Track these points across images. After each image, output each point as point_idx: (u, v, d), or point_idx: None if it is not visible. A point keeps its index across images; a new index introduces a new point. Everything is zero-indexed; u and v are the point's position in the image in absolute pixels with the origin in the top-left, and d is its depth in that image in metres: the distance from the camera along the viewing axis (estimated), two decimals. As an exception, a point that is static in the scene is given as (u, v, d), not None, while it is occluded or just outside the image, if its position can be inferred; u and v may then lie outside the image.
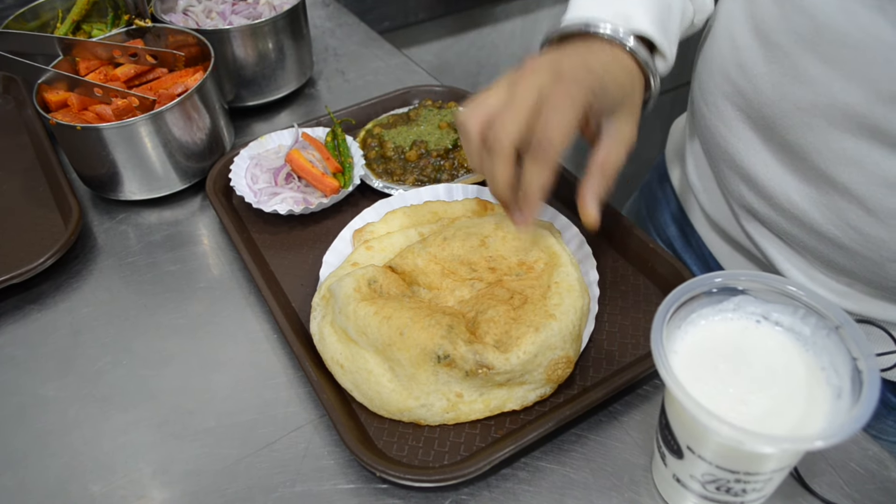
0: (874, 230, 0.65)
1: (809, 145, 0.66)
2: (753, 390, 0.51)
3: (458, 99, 1.01)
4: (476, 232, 0.71)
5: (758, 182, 0.73)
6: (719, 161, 0.79)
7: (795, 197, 0.70)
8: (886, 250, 0.65)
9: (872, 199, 0.63)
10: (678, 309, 0.53)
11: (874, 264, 0.67)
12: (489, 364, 0.61)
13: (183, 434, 0.66)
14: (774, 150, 0.71)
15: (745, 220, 0.79)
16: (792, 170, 0.69)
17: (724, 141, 0.76)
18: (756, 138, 0.72)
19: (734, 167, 0.76)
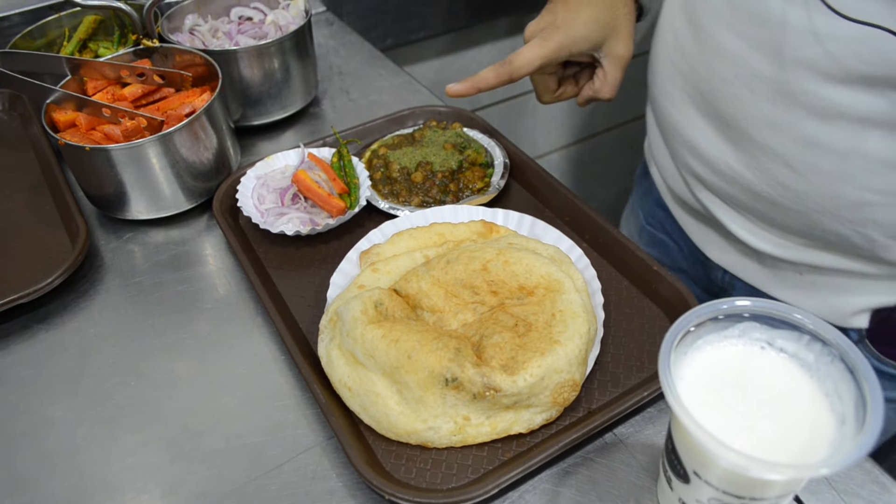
0: (798, 185, 0.73)
1: (737, 114, 0.74)
2: (759, 417, 0.52)
3: (463, 120, 1.02)
4: (479, 256, 0.72)
5: (701, 152, 0.82)
6: (671, 138, 0.88)
7: (732, 162, 0.78)
8: (811, 202, 0.73)
9: (793, 157, 0.71)
10: (685, 335, 0.53)
11: (802, 216, 0.75)
12: (496, 386, 0.62)
13: (192, 455, 0.66)
14: (711, 122, 0.79)
15: (696, 188, 0.87)
16: (726, 138, 0.78)
17: (673, 119, 0.85)
18: (697, 114, 0.81)
19: (682, 142, 0.85)
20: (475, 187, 0.89)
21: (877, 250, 0.74)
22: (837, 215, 0.72)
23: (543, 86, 0.90)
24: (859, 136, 0.67)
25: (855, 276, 0.80)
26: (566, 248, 0.79)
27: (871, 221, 0.71)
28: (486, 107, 1.79)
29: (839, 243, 0.76)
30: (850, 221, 0.72)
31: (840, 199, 0.71)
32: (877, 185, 0.68)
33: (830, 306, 0.84)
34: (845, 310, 0.83)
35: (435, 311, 0.72)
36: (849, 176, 0.69)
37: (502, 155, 0.94)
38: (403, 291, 0.73)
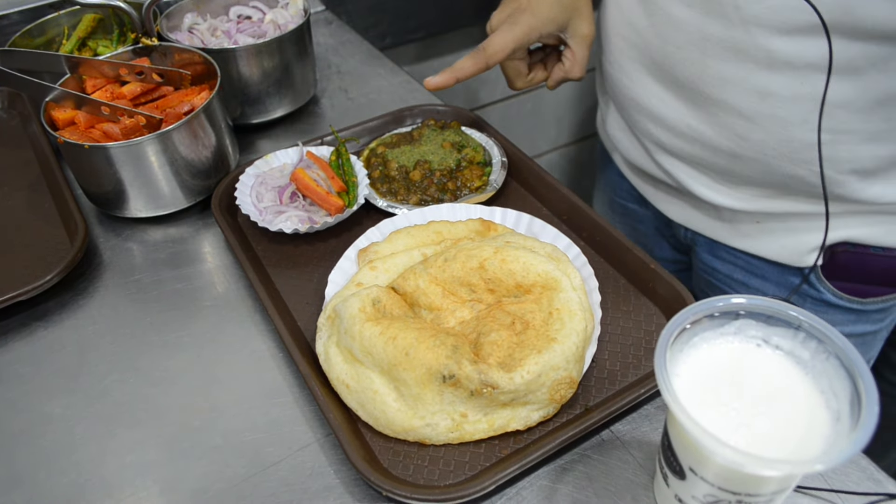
0: (755, 134, 0.78)
1: (693, 75, 0.80)
2: (754, 413, 0.52)
3: (461, 119, 1.02)
4: (476, 255, 0.73)
5: (661, 117, 0.87)
6: (629, 109, 0.92)
7: (692, 122, 0.83)
8: (768, 149, 0.79)
9: (748, 108, 0.77)
10: (681, 332, 0.54)
11: (761, 164, 0.81)
12: (494, 383, 0.62)
13: (190, 452, 0.67)
14: (668, 87, 0.84)
15: (657, 154, 0.92)
16: (684, 100, 0.83)
17: (629, 90, 0.90)
18: (653, 82, 0.86)
19: (641, 111, 0.90)
20: (473, 186, 0.90)
21: (831, 186, 0.79)
22: (793, 158, 0.78)
23: (515, 71, 0.92)
24: (805, 81, 0.73)
25: (808, 217, 0.86)
26: (563, 246, 0.80)
27: (825, 160, 0.75)
28: (485, 106, 1.80)
29: (796, 186, 0.81)
30: (806, 162, 0.78)
31: (794, 142, 0.77)
32: (827, 125, 0.74)
33: (786, 248, 0.90)
34: (800, 249, 0.89)
35: (433, 309, 0.72)
36: (802, 119, 0.75)
37: (500, 154, 0.94)
38: (401, 289, 0.73)
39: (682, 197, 0.98)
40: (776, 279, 0.94)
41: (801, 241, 0.89)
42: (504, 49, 0.85)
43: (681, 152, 0.88)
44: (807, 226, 0.87)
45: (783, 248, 0.90)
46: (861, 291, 0.91)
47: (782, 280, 0.94)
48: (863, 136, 0.75)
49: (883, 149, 0.76)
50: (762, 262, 0.95)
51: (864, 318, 0.94)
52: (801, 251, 0.89)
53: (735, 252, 0.96)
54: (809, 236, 0.88)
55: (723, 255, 0.98)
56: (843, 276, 0.89)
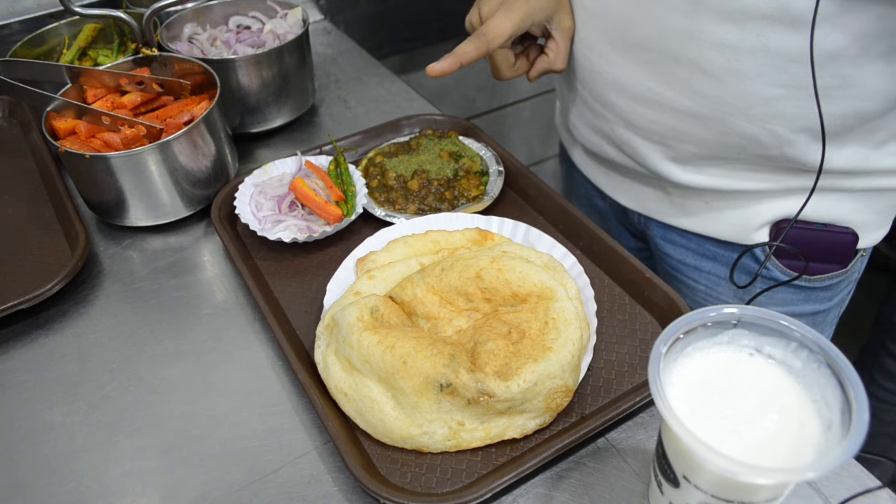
0: (713, 89, 0.79)
1: (654, 33, 0.81)
2: (746, 422, 0.53)
3: (459, 128, 1.03)
4: (473, 264, 0.73)
5: (621, 84, 0.88)
6: (592, 83, 0.93)
7: (651, 83, 0.84)
8: (725, 105, 0.79)
9: (708, 62, 0.77)
10: (675, 342, 0.54)
11: (717, 122, 0.81)
12: (490, 392, 0.63)
13: (190, 460, 0.67)
14: (628, 52, 0.85)
15: (617, 128, 0.93)
16: (644, 62, 0.84)
17: (593, 64, 0.91)
18: (614, 50, 0.87)
19: (602, 81, 0.91)
20: (470, 195, 0.90)
21: (783, 146, 0.80)
22: (749, 114, 0.79)
23: (504, 60, 0.92)
24: (763, 33, 0.73)
25: (755, 194, 0.88)
26: (560, 255, 0.80)
27: (778, 116, 0.78)
28: (481, 115, 1.81)
29: (750, 147, 0.82)
30: (760, 119, 0.79)
31: (750, 96, 0.77)
32: (781, 79, 0.75)
33: (734, 226, 0.92)
34: (748, 226, 0.90)
35: (430, 318, 0.73)
36: (757, 73, 0.76)
37: (497, 163, 0.95)
38: (399, 298, 0.74)
39: (636, 179, 1.00)
40: (725, 260, 0.96)
41: (747, 218, 0.90)
42: (503, 33, 0.86)
43: (641, 122, 0.89)
44: (753, 203, 0.89)
45: (731, 226, 0.92)
46: (807, 269, 0.93)
47: (731, 260, 0.96)
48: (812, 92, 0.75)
49: (831, 106, 0.77)
50: (711, 242, 0.96)
51: (813, 296, 0.96)
52: (747, 228, 0.91)
53: (686, 234, 0.98)
54: (755, 213, 0.90)
55: (675, 240, 1.00)
56: (789, 252, 0.91)
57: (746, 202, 0.90)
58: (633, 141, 0.92)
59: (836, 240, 0.90)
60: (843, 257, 0.92)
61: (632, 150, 0.93)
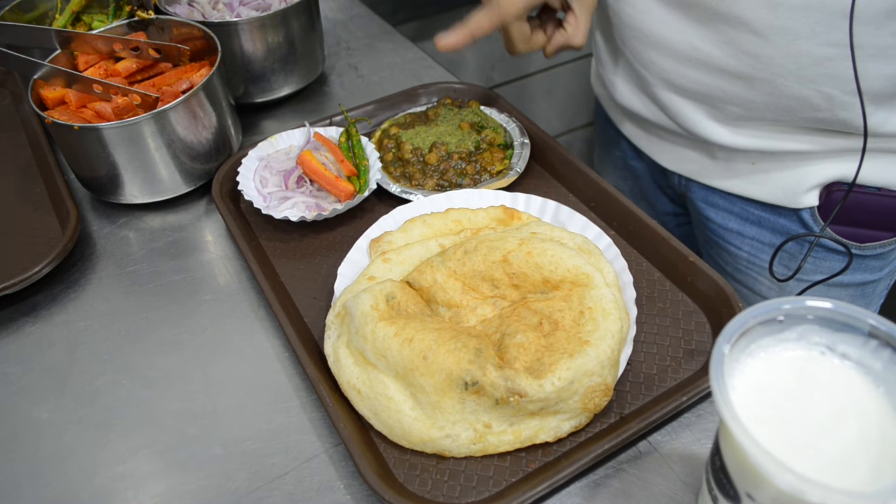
0: (764, 50, 0.75)
1: None
2: (820, 433, 0.46)
3: (480, 97, 0.95)
4: (499, 247, 0.66)
5: (666, 43, 0.83)
6: (631, 42, 0.88)
7: (699, 43, 0.79)
8: (776, 66, 0.75)
9: (757, 20, 0.73)
10: (738, 339, 0.47)
11: (767, 83, 0.77)
12: (521, 391, 0.56)
13: (187, 463, 0.61)
14: (673, 9, 0.80)
15: (659, 89, 0.88)
16: (691, 19, 0.79)
17: (635, 21, 0.85)
18: (656, 3, 0.82)
19: (644, 39, 0.85)
20: (494, 170, 0.83)
21: (836, 110, 0.76)
22: (800, 75, 0.75)
23: (520, 33, 0.84)
24: None
25: (806, 156, 0.83)
26: (593, 236, 0.73)
27: (831, 77, 0.73)
28: (499, 86, 1.73)
29: (800, 110, 0.78)
30: (812, 81, 0.74)
31: (802, 57, 0.73)
32: (835, 38, 0.70)
33: (782, 188, 0.87)
34: (797, 189, 0.85)
35: (451, 306, 0.66)
36: (810, 32, 0.71)
37: (522, 135, 0.87)
38: (417, 284, 0.67)
39: (677, 140, 0.95)
40: (771, 225, 0.91)
41: (796, 181, 0.85)
42: (518, 4, 0.79)
43: (684, 82, 0.84)
44: (802, 164, 0.84)
45: (778, 188, 0.87)
46: (858, 236, 0.87)
47: (777, 226, 0.91)
48: (870, 52, 0.72)
49: (888, 67, 0.72)
50: (756, 205, 0.91)
51: (863, 265, 0.90)
52: (796, 191, 0.86)
53: (729, 197, 0.93)
54: (804, 175, 0.84)
55: (717, 203, 0.95)
56: (839, 218, 0.85)
57: (795, 163, 0.84)
58: (675, 102, 0.87)
59: (889, 204, 0.85)
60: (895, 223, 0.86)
61: (674, 111, 0.88)
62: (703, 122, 0.85)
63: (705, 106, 0.84)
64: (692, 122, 0.86)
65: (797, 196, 0.86)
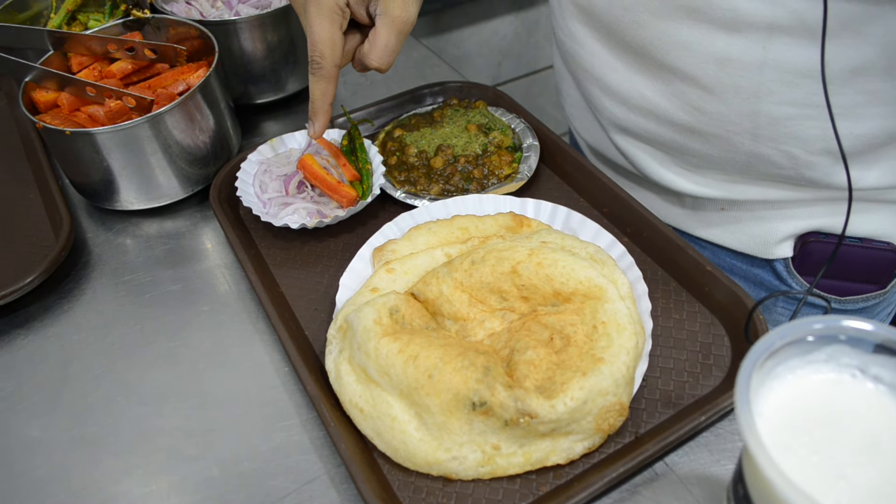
0: (714, 107, 0.70)
1: (645, 40, 0.71)
2: (854, 463, 0.43)
3: (487, 98, 0.92)
4: (508, 257, 0.63)
5: (614, 89, 0.78)
6: (584, 81, 0.83)
7: (647, 92, 0.75)
8: (730, 124, 0.70)
9: (706, 77, 0.68)
10: (765, 361, 0.44)
11: (723, 140, 0.72)
12: (532, 412, 0.53)
13: (182, 485, 0.58)
14: (620, 54, 0.75)
15: (614, 133, 0.83)
16: (637, 68, 0.74)
17: (581, 59, 0.81)
18: (604, 49, 0.77)
19: (594, 81, 0.81)
20: (502, 174, 0.80)
21: (800, 168, 0.71)
22: (757, 134, 0.70)
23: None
24: (770, 45, 0.64)
25: (777, 204, 0.78)
26: (606, 244, 0.70)
27: (792, 137, 0.69)
28: (505, 83, 1.69)
29: (761, 167, 0.73)
30: (771, 140, 0.70)
31: (759, 116, 0.69)
32: (793, 96, 0.66)
33: (754, 238, 0.82)
34: (769, 240, 0.80)
35: (458, 319, 0.63)
36: (765, 90, 0.67)
37: (531, 137, 0.84)
38: (422, 296, 0.64)
39: (642, 184, 0.89)
40: (744, 274, 0.86)
41: (769, 231, 0.80)
42: (336, 45, 0.70)
43: (637, 129, 0.79)
44: (775, 214, 0.79)
45: (751, 237, 0.82)
46: (839, 289, 0.82)
47: (750, 275, 0.86)
48: (836, 111, 0.65)
49: (857, 126, 0.67)
50: (729, 253, 0.86)
51: None
52: (768, 241, 0.80)
53: (701, 243, 0.88)
54: (779, 225, 0.79)
55: None
56: (816, 270, 0.80)
57: (767, 212, 0.79)
58: (632, 148, 0.82)
59: (873, 256, 0.79)
60: (881, 276, 0.81)
61: (631, 156, 0.83)
62: (660, 170, 0.81)
63: (661, 153, 0.80)
64: (649, 168, 0.82)
65: (769, 247, 0.81)
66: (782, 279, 0.82)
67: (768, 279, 0.84)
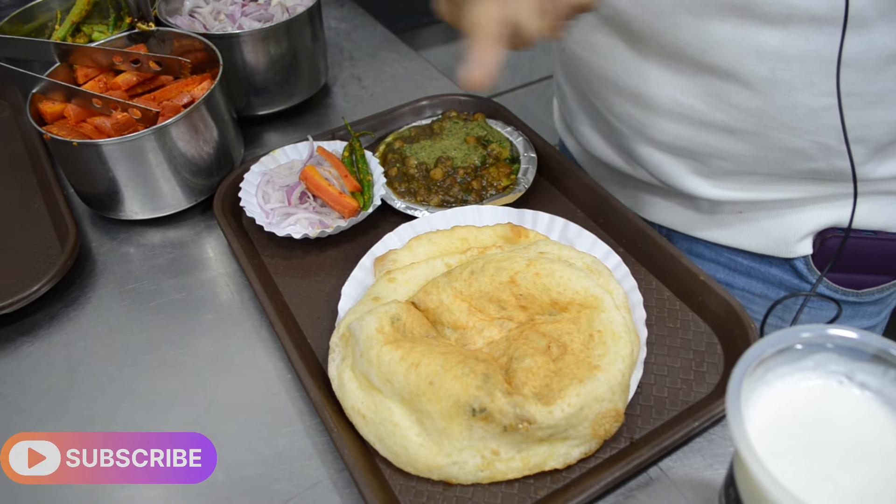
0: (753, 102, 0.70)
1: (682, 41, 0.70)
2: (842, 467, 0.44)
3: (486, 110, 0.94)
4: (507, 267, 0.65)
5: (642, 95, 0.77)
6: (603, 93, 0.82)
7: (680, 96, 0.74)
8: (768, 119, 0.71)
9: (746, 72, 0.68)
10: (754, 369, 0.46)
11: (759, 137, 0.73)
12: (531, 418, 0.55)
13: (187, 490, 0.60)
14: (651, 58, 0.74)
15: (636, 143, 0.82)
16: (671, 71, 0.73)
17: (603, 70, 0.80)
18: (632, 54, 0.75)
19: (618, 91, 0.79)
20: (500, 185, 0.82)
21: (832, 158, 0.72)
22: (795, 128, 0.71)
23: None
24: (812, 37, 0.65)
25: (796, 202, 0.80)
26: (602, 254, 0.72)
27: (828, 127, 0.69)
28: (502, 94, 1.71)
29: (794, 162, 0.74)
30: (808, 132, 0.71)
31: (798, 108, 0.69)
32: (832, 87, 0.66)
33: (773, 238, 0.83)
34: (789, 238, 0.82)
35: (457, 328, 0.65)
36: (806, 82, 0.67)
37: (529, 149, 0.86)
38: (423, 305, 0.66)
39: (657, 192, 0.90)
40: (761, 276, 0.87)
41: (787, 229, 0.81)
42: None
43: (665, 137, 0.78)
44: (794, 212, 0.81)
45: (768, 237, 0.83)
46: (855, 282, 0.84)
47: (769, 276, 0.86)
48: (869, 99, 0.68)
49: (889, 113, 0.69)
50: (745, 255, 0.87)
51: (861, 312, 0.87)
52: (788, 240, 0.82)
53: (715, 247, 0.89)
54: (796, 223, 0.81)
55: (702, 253, 0.90)
56: (836, 265, 0.81)
57: (786, 211, 0.81)
58: (655, 157, 0.82)
59: (886, 248, 0.81)
60: (893, 266, 0.83)
61: (654, 166, 0.83)
62: (687, 178, 0.81)
63: (690, 161, 0.79)
64: (675, 177, 0.82)
65: (790, 245, 0.82)
66: (803, 277, 0.84)
67: (787, 278, 0.85)
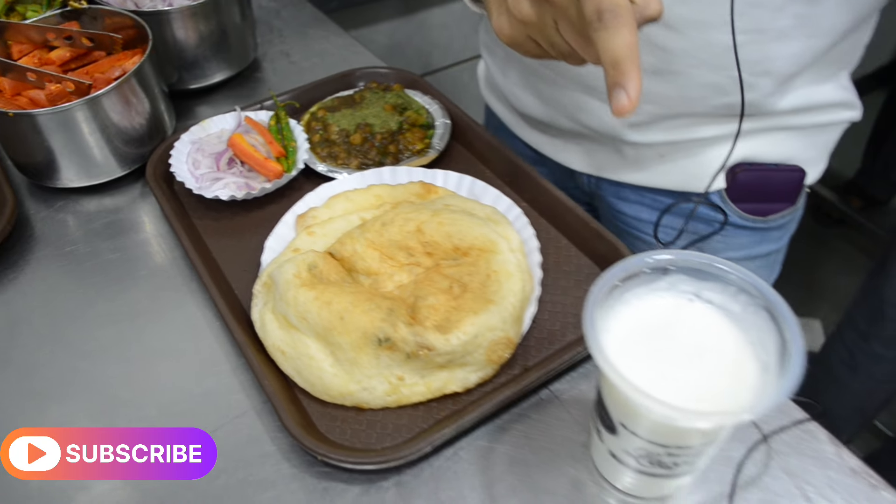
0: (677, 43, 0.77)
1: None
2: (683, 366, 0.52)
3: (404, 81, 1.00)
4: (413, 218, 0.71)
5: None
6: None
7: None
8: (689, 57, 0.78)
9: (672, 16, 0.73)
10: (613, 289, 0.53)
11: (681, 76, 0.80)
12: (430, 345, 0.62)
13: (122, 424, 0.65)
14: None
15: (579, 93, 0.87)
16: None
17: None
18: None
19: None
20: (415, 149, 0.88)
21: (747, 91, 0.76)
22: (712, 64, 0.78)
23: None
24: None
25: (709, 141, 0.87)
26: (505, 207, 0.79)
27: (743, 61, 0.73)
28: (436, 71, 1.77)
29: (711, 97, 0.81)
30: (723, 67, 0.77)
31: (714, 46, 0.76)
32: (743, 25, 0.71)
33: (691, 175, 0.91)
34: (702, 174, 0.89)
35: (370, 274, 0.71)
36: (720, 21, 0.72)
37: (444, 116, 0.93)
38: (338, 254, 0.72)
39: (583, 142, 0.97)
40: (682, 211, 0.95)
41: (702, 166, 0.89)
42: None
43: (597, 83, 0.82)
44: (707, 150, 0.89)
45: (686, 174, 0.91)
46: (762, 210, 0.94)
47: (687, 210, 0.95)
48: (772, 35, 0.76)
49: (787, 47, 0.77)
50: (666, 194, 0.96)
51: (767, 237, 0.97)
52: (702, 176, 0.90)
53: (639, 189, 0.97)
54: (710, 160, 0.89)
55: (628, 196, 0.99)
56: (745, 196, 0.92)
57: (701, 150, 0.89)
58: (589, 105, 0.88)
59: (786, 178, 0.91)
60: (792, 195, 0.94)
61: (587, 114, 0.89)
62: (617, 125, 0.88)
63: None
64: (607, 125, 0.88)
65: (704, 180, 0.90)
66: (719, 209, 0.93)
67: (705, 211, 0.93)
